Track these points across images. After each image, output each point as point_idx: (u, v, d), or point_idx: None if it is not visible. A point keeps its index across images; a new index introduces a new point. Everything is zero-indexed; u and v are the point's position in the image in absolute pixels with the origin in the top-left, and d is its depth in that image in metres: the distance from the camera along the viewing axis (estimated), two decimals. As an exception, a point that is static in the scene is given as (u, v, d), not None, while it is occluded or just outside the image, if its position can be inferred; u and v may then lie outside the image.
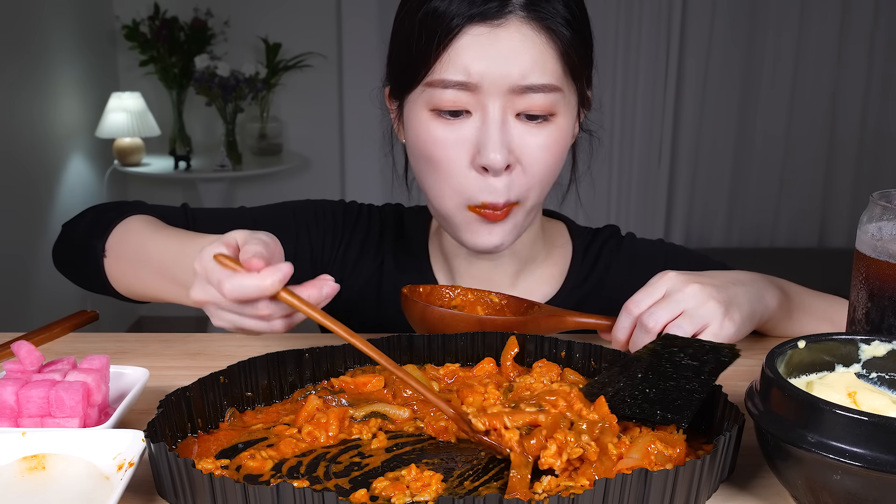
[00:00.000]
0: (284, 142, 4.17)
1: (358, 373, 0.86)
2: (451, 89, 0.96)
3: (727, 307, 0.91)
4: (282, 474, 0.70)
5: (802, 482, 0.63)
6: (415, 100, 1.00)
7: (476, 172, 0.98)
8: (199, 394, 0.77)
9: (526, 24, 0.95)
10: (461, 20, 0.94)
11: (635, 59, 4.13)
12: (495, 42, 0.94)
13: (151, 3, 3.85)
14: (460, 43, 0.95)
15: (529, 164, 0.99)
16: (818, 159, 4.25)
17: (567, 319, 0.99)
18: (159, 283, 0.97)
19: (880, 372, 0.73)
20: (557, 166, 1.03)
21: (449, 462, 0.72)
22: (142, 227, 1.03)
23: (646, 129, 4.23)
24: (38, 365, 0.81)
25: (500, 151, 0.95)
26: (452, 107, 0.97)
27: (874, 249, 0.78)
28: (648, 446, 0.69)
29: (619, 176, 4.30)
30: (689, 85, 4.17)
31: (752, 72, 4.16)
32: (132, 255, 1.01)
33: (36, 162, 3.37)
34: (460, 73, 0.95)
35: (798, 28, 4.07)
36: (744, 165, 4.30)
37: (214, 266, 0.76)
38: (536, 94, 0.96)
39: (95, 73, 3.87)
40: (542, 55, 0.96)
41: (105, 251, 1.04)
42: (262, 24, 4.02)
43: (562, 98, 0.99)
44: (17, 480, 0.67)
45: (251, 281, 0.73)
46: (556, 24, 0.96)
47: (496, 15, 0.94)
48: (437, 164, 1.00)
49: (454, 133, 0.98)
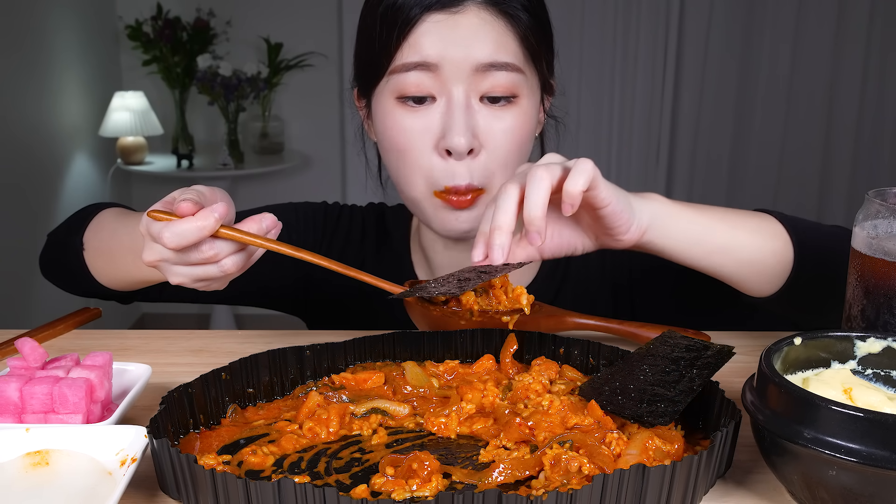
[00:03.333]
0: (286, 140, 4.18)
1: (358, 369, 0.87)
2: (413, 71, 0.98)
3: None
4: (283, 470, 0.71)
5: (799, 478, 0.64)
6: (381, 91, 1.02)
7: (439, 156, 1.00)
8: (201, 390, 0.78)
9: (484, 9, 0.98)
10: (419, 10, 0.97)
11: (633, 59, 4.14)
12: (455, 27, 0.97)
13: (154, 4, 3.86)
14: (420, 30, 0.97)
15: (493, 149, 1.00)
16: (814, 158, 4.26)
17: (566, 320, 0.99)
18: (135, 264, 0.99)
19: (875, 368, 0.74)
20: (521, 151, 1.04)
21: (448, 458, 0.72)
22: (113, 216, 1.08)
23: (644, 128, 4.24)
24: (42, 361, 0.81)
25: (464, 135, 0.97)
26: (416, 92, 0.99)
27: (869, 247, 0.78)
28: (646, 442, 0.70)
29: (617, 175, 4.31)
30: (687, 84, 4.18)
31: (749, 71, 4.17)
32: (107, 242, 1.05)
33: (40, 160, 3.37)
34: (420, 55, 0.97)
35: (794, 27, 4.07)
36: (740, 164, 4.31)
37: (153, 222, 0.79)
38: (499, 73, 0.98)
39: (99, 73, 3.88)
40: (502, 37, 0.98)
41: (83, 245, 1.08)
42: (263, 24, 4.03)
43: (524, 80, 1.01)
44: (21, 476, 0.68)
45: (187, 224, 0.77)
46: (514, 8, 0.99)
47: (454, 3, 0.97)
48: (402, 150, 1.01)
49: (420, 120, 1.00)
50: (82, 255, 1.08)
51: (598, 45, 4.11)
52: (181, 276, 0.83)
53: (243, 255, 0.83)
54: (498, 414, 0.79)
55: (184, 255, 0.79)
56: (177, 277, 0.83)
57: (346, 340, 0.89)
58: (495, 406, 0.80)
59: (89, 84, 3.76)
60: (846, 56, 4.11)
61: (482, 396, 0.81)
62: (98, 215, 1.10)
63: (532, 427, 0.74)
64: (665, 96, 4.18)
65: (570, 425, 0.74)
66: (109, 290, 1.11)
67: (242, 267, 0.83)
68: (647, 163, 4.29)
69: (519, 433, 0.73)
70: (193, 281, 0.83)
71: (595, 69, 4.12)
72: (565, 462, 0.68)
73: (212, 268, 0.81)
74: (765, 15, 4.07)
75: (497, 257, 0.81)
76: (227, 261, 0.81)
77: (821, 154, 4.26)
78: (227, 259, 0.81)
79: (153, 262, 0.82)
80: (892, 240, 0.77)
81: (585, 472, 0.67)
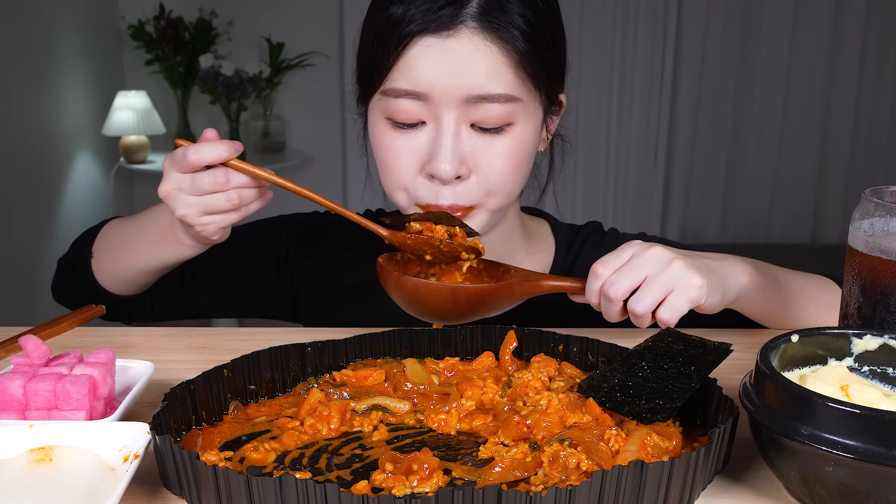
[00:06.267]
0: (287, 139, 4.19)
1: (359, 366, 0.88)
2: (403, 98, 0.95)
3: (692, 265, 0.87)
4: (284, 466, 0.71)
5: (796, 474, 0.64)
6: (374, 106, 1.01)
7: (424, 178, 0.99)
8: (203, 387, 0.78)
9: (478, 34, 0.93)
10: (413, 28, 0.93)
11: (631, 59, 4.15)
12: (446, 52, 0.93)
13: (157, 4, 3.87)
14: (410, 53, 0.94)
15: (485, 172, 0.98)
16: (811, 157, 4.28)
17: (541, 283, 0.96)
18: (135, 252, 1.07)
19: (872, 365, 0.74)
20: (517, 173, 1.01)
21: (448, 454, 0.73)
22: (120, 221, 1.16)
23: (642, 127, 4.25)
24: (45, 359, 0.81)
25: (450, 163, 0.95)
26: (406, 119, 0.97)
27: (866, 245, 0.79)
28: (644, 439, 0.70)
29: (615, 174, 4.32)
30: (685, 84, 4.19)
31: (747, 71, 4.18)
32: (115, 242, 1.11)
33: (44, 159, 3.38)
34: (410, 82, 0.94)
35: (791, 28, 4.09)
36: (738, 163, 4.32)
37: (175, 150, 0.90)
38: (491, 105, 0.94)
39: (102, 73, 3.89)
40: (496, 65, 0.94)
41: (92, 253, 1.13)
42: (265, 24, 4.04)
43: (520, 108, 0.97)
44: (25, 472, 0.68)
45: (209, 147, 0.88)
46: (511, 33, 0.94)
47: (448, 25, 0.93)
48: (388, 168, 1.01)
49: (407, 143, 0.98)
50: (90, 263, 1.12)
51: (596, 47, 4.11)
52: (190, 207, 0.90)
53: (253, 192, 0.92)
54: (497, 411, 0.79)
55: (198, 179, 0.88)
56: (185, 208, 0.90)
57: (347, 338, 0.89)
58: (495, 403, 0.80)
59: (92, 84, 3.77)
60: (843, 55, 4.12)
61: (482, 393, 0.81)
62: (106, 225, 1.16)
63: (530, 426, 0.74)
64: (663, 96, 4.19)
65: (568, 424, 0.74)
66: (111, 299, 1.14)
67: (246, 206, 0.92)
68: (646, 162, 4.30)
69: (517, 431, 0.74)
70: (200, 213, 0.90)
71: (593, 70, 4.12)
72: (564, 459, 0.68)
73: (220, 196, 0.89)
74: (762, 14, 4.08)
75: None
76: (234, 193, 0.90)
77: (818, 154, 4.27)
78: (235, 192, 0.90)
79: (166, 192, 0.90)
80: (888, 238, 0.77)
81: (584, 468, 0.67)
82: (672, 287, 0.86)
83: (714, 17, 4.10)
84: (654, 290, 0.86)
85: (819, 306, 1.03)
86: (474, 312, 0.93)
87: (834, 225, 4.37)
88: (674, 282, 0.86)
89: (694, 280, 0.86)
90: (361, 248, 1.23)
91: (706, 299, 0.88)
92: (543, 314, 1.12)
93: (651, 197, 4.35)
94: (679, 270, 0.86)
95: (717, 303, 0.90)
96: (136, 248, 1.07)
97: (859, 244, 0.80)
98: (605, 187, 4.34)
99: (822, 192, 4.34)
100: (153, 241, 1.04)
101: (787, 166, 4.29)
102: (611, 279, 0.88)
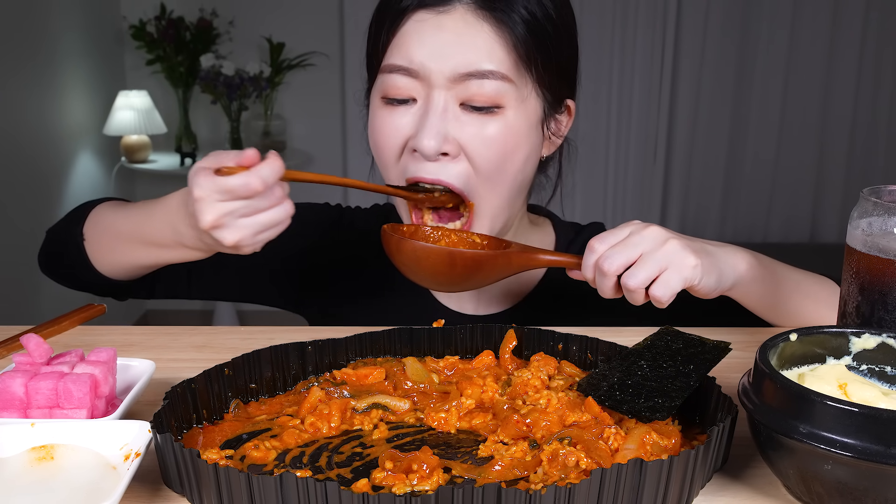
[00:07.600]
0: (288, 139, 4.19)
1: (360, 365, 0.88)
2: (397, 74, 0.97)
3: (688, 245, 0.87)
4: (285, 464, 0.71)
5: (794, 472, 0.65)
6: (374, 91, 1.03)
7: (410, 156, 0.99)
8: (204, 385, 0.78)
9: (472, 12, 0.95)
10: (408, 2, 0.96)
11: (631, 57, 4.15)
12: (438, 29, 0.95)
13: (158, 4, 3.87)
14: (404, 29, 0.96)
15: (473, 157, 0.98)
16: (810, 156, 4.28)
17: (538, 257, 0.96)
18: (133, 249, 1.03)
19: (870, 364, 0.75)
20: (508, 165, 1.00)
21: (448, 452, 0.73)
22: (111, 208, 1.11)
23: (641, 126, 4.25)
24: (47, 357, 0.82)
25: (434, 138, 0.95)
26: (398, 94, 0.98)
27: (864, 244, 0.79)
28: (644, 437, 0.70)
29: (615, 172, 4.32)
30: (684, 83, 4.20)
31: (745, 70, 4.18)
32: (108, 231, 1.07)
33: (46, 158, 3.39)
34: (404, 58, 0.96)
35: (790, 27, 4.09)
36: (737, 163, 4.33)
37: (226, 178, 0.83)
38: (482, 81, 0.95)
39: (103, 72, 3.89)
40: (488, 42, 0.95)
41: (84, 235, 1.09)
42: (266, 24, 4.04)
43: (512, 90, 0.97)
44: (27, 470, 0.69)
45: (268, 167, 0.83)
46: (507, 12, 0.95)
47: (442, 1, 0.95)
48: (378, 149, 1.02)
49: (395, 120, 0.99)
50: (83, 245, 1.10)
51: (595, 44, 4.11)
52: (245, 230, 0.84)
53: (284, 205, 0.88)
54: (497, 409, 0.79)
55: (256, 201, 0.83)
56: (240, 232, 0.84)
57: (347, 336, 0.89)
58: (494, 401, 0.81)
59: (94, 83, 3.78)
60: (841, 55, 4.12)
61: (482, 392, 0.81)
62: (96, 208, 1.12)
63: (530, 424, 0.75)
64: (662, 94, 4.19)
65: (567, 422, 0.75)
66: (105, 282, 1.13)
67: (281, 215, 0.87)
68: (645, 162, 4.30)
69: (517, 430, 0.74)
70: (256, 233, 0.85)
71: (593, 70, 4.12)
72: (563, 457, 0.68)
73: (278, 210, 0.85)
74: (761, 14, 4.09)
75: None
76: (289, 203, 0.87)
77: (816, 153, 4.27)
78: (288, 202, 0.87)
79: (214, 222, 0.83)
80: (886, 237, 0.78)
81: (583, 466, 0.68)
82: (666, 265, 0.85)
83: (713, 16, 4.10)
84: (648, 267, 0.85)
85: (817, 302, 1.03)
86: (471, 278, 0.94)
87: (832, 224, 4.38)
88: (668, 259, 0.85)
89: (688, 259, 0.86)
90: (371, 249, 1.23)
91: (700, 280, 0.87)
92: (544, 304, 1.14)
93: (650, 196, 4.36)
94: (674, 249, 0.86)
95: (711, 286, 0.89)
96: (133, 248, 1.04)
97: (857, 243, 0.80)
98: (604, 186, 4.35)
99: (821, 192, 4.35)
100: (152, 243, 1.01)
101: (786, 166, 4.30)
102: (606, 254, 0.87)
